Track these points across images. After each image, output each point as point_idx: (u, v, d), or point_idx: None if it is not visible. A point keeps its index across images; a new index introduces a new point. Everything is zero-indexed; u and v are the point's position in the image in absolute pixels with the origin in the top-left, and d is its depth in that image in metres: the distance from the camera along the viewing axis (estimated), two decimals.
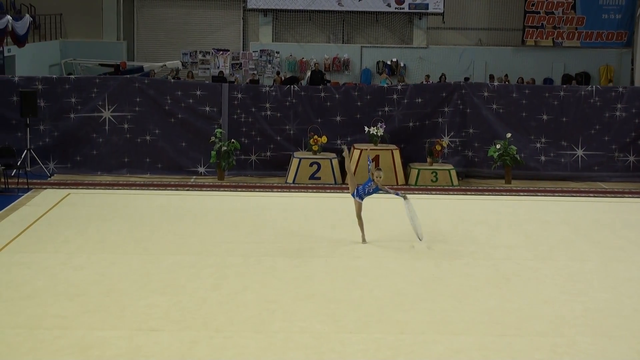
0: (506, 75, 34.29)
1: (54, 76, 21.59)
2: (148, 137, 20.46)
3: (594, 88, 21.32)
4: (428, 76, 33.91)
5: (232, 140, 19.92)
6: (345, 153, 14.96)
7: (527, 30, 36.83)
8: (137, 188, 18.87)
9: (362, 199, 14.22)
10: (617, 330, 10.47)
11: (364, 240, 14.27)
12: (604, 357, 9.62)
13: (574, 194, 19.32)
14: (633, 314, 11.05)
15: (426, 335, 10.09)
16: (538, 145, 20.97)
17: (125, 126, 20.40)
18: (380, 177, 14.05)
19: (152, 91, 20.50)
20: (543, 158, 20.94)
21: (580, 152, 20.98)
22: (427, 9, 36.62)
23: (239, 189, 19.00)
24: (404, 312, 10.88)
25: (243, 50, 37.22)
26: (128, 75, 24.71)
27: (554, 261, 13.51)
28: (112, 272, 12.35)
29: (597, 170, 20.99)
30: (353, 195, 14.30)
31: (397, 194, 14.25)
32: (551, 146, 20.99)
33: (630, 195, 19.32)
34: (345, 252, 13.76)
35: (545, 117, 20.98)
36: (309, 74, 34.76)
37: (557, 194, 19.26)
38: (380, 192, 14.27)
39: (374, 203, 15.73)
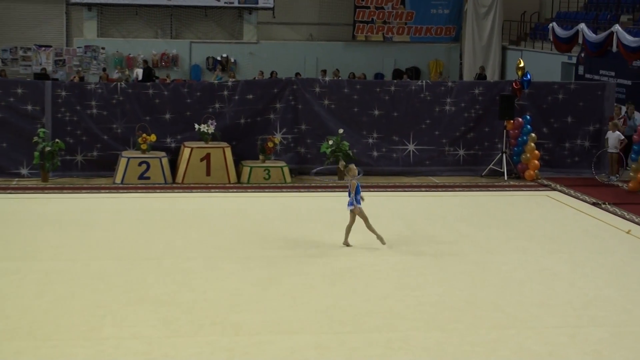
0: (337, 70, 34.53)
1: None
2: None
3: (424, 83, 21.64)
4: (262, 72, 33.81)
5: (57, 140, 19.28)
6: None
7: (358, 25, 37.28)
8: None
9: (358, 202, 13.97)
10: (451, 323, 10.64)
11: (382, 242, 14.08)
12: (438, 350, 9.74)
13: (407, 189, 19.55)
14: (466, 307, 11.24)
15: (261, 336, 10.03)
16: (370, 140, 21.11)
17: None
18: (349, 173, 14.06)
19: None
20: (375, 153, 21.10)
21: (411, 147, 21.25)
22: (257, 3, 36.58)
23: (65, 191, 18.45)
24: (238, 314, 10.79)
25: (67, 46, 36.20)
26: None
27: (389, 257, 13.60)
28: None
29: (429, 164, 21.31)
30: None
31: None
32: (383, 141, 21.17)
33: (461, 189, 19.68)
34: (177, 254, 13.54)
35: (376, 112, 21.14)
36: (138, 71, 34.05)
37: (389, 189, 19.42)
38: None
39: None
